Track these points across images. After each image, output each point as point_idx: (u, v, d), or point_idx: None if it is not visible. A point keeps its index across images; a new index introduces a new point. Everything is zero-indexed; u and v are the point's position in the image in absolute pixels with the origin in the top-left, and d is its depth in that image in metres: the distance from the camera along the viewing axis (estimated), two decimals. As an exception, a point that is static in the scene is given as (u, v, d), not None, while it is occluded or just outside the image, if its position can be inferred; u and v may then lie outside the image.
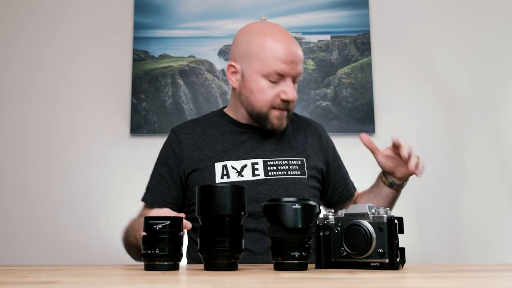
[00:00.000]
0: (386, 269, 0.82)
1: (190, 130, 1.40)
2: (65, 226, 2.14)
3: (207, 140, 1.37)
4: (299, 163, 1.37)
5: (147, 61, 2.25)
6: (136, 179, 2.18)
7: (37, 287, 0.60)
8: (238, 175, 1.31)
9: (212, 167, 1.32)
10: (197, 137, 1.38)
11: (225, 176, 1.31)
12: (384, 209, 0.85)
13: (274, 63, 1.28)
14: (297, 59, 1.30)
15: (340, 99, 2.25)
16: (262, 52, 1.29)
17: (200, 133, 1.39)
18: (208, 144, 1.36)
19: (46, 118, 2.22)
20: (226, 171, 1.32)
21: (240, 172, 1.32)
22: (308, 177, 1.37)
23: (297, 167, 1.36)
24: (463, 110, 2.27)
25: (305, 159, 1.39)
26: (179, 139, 1.38)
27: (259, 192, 1.30)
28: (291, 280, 0.68)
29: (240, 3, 2.31)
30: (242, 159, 1.34)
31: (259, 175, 1.32)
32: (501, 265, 1.11)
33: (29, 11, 2.31)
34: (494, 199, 2.21)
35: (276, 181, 1.32)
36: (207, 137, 1.38)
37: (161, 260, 0.82)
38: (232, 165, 1.33)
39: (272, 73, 1.28)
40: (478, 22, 2.33)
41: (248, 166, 1.33)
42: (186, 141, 1.37)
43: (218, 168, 1.32)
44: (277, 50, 1.28)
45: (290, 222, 0.80)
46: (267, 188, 1.31)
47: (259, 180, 1.32)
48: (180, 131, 1.40)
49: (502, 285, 0.66)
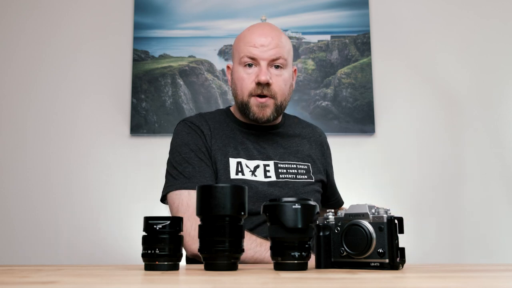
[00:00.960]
0: (386, 269, 0.82)
1: (201, 122, 1.38)
2: (65, 226, 2.14)
3: (220, 135, 1.36)
4: (305, 167, 1.39)
5: (147, 61, 2.25)
6: (136, 179, 2.18)
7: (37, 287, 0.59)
8: (252, 175, 1.31)
9: (226, 161, 1.31)
10: (209, 130, 1.36)
11: (239, 173, 1.30)
12: (384, 209, 0.85)
13: (245, 48, 1.33)
14: (268, 42, 1.32)
15: (340, 99, 2.25)
16: (238, 43, 1.37)
17: (211, 126, 1.37)
18: (221, 138, 1.35)
19: (46, 118, 2.22)
20: (241, 168, 1.31)
21: (254, 172, 1.32)
22: (315, 182, 1.39)
23: (304, 172, 1.38)
24: (463, 110, 2.27)
25: (310, 164, 1.41)
26: (197, 125, 1.36)
27: (272, 193, 1.30)
28: (291, 280, 0.68)
29: (240, 3, 2.31)
30: (255, 159, 1.34)
31: (271, 177, 1.33)
32: (501, 265, 1.11)
33: (29, 11, 2.31)
34: (494, 199, 2.21)
35: (286, 183, 1.33)
36: (219, 132, 1.37)
37: (161, 260, 0.82)
38: (246, 163, 1.33)
39: (244, 57, 1.33)
40: (478, 22, 2.33)
41: (260, 167, 1.34)
42: (202, 127, 1.35)
43: (232, 164, 1.31)
44: (248, 36, 1.35)
45: (290, 222, 0.80)
46: (279, 190, 1.31)
47: (271, 182, 1.32)
48: (195, 121, 1.38)
49: (502, 285, 0.66)
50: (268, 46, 1.32)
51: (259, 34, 1.34)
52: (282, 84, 1.33)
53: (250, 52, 1.32)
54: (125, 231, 2.09)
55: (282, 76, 1.34)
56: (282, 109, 1.37)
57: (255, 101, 1.32)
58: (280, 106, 1.35)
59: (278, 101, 1.34)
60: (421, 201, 2.19)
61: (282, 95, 1.34)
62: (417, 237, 2.15)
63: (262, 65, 1.31)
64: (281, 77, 1.33)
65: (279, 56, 1.32)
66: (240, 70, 1.34)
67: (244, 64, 1.33)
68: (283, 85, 1.34)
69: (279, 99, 1.34)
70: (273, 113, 1.34)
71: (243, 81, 1.33)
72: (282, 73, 1.34)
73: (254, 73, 1.32)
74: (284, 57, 1.33)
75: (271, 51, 1.32)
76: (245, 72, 1.33)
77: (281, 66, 1.33)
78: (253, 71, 1.32)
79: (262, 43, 1.32)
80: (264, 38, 1.32)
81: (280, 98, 1.34)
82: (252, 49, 1.32)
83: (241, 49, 1.34)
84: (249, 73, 1.33)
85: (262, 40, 1.32)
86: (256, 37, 1.33)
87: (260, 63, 1.32)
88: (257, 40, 1.32)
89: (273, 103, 1.33)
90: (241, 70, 1.34)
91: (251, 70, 1.33)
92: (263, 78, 1.30)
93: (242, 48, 1.34)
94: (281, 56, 1.32)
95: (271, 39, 1.32)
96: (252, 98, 1.32)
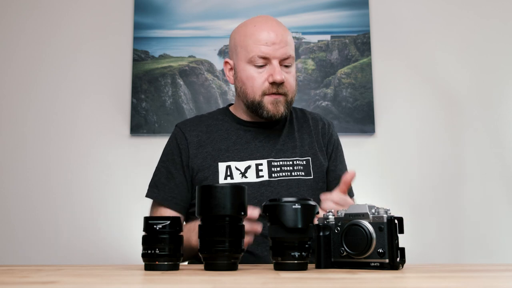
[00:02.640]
0: (386, 269, 0.82)
1: (195, 126, 1.40)
2: (65, 226, 2.14)
3: (211, 138, 1.36)
4: (304, 163, 1.36)
5: (147, 61, 2.25)
6: (136, 179, 2.18)
7: (37, 287, 0.59)
8: (242, 177, 1.31)
9: (215, 167, 1.32)
10: (202, 135, 1.37)
11: (228, 177, 1.30)
12: (384, 209, 0.85)
13: (256, 47, 1.30)
14: (279, 40, 1.29)
15: (340, 99, 2.25)
16: (244, 40, 1.33)
17: (204, 130, 1.38)
18: (212, 142, 1.35)
19: (46, 118, 2.22)
20: (230, 172, 1.31)
21: (244, 173, 1.31)
22: (314, 178, 1.35)
23: (302, 167, 1.35)
24: (463, 110, 2.27)
25: (311, 158, 1.37)
26: (185, 136, 1.37)
27: (262, 194, 1.29)
28: (291, 280, 0.68)
29: (240, 3, 2.31)
30: (246, 160, 1.33)
31: (263, 177, 1.31)
32: (501, 265, 1.11)
33: (29, 11, 2.31)
34: (494, 199, 2.21)
35: (279, 182, 1.31)
36: (211, 135, 1.37)
37: (161, 260, 0.82)
38: (236, 166, 1.32)
39: (255, 57, 1.30)
40: (478, 22, 2.33)
41: (252, 167, 1.32)
42: (191, 138, 1.36)
43: (221, 169, 1.31)
44: (257, 34, 1.31)
45: (290, 222, 0.80)
46: (270, 190, 1.30)
47: (263, 181, 1.31)
48: (185, 128, 1.40)
49: (502, 285, 0.66)
50: (279, 44, 1.29)
51: (268, 30, 1.31)
52: (292, 81, 1.33)
53: (261, 51, 1.29)
54: (125, 231, 2.09)
55: (291, 73, 1.33)
56: (291, 104, 1.37)
57: (270, 99, 1.31)
58: (290, 102, 1.35)
59: (289, 97, 1.34)
60: (421, 201, 2.19)
61: (293, 92, 1.35)
62: (417, 237, 2.15)
63: (275, 64, 1.29)
64: (290, 73, 1.33)
65: (289, 55, 1.31)
66: (250, 69, 1.31)
67: (255, 63, 1.30)
68: (293, 81, 1.34)
69: (290, 96, 1.34)
70: (286, 110, 1.33)
71: (254, 80, 1.31)
72: (290, 70, 1.33)
73: (266, 72, 1.30)
74: (292, 55, 1.33)
75: (282, 50, 1.30)
76: (256, 71, 1.31)
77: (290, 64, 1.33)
78: (265, 70, 1.30)
79: (273, 40, 1.29)
80: (273, 34, 1.30)
81: (291, 95, 1.34)
82: (264, 48, 1.29)
83: (250, 47, 1.31)
84: (260, 72, 1.31)
85: (272, 37, 1.29)
86: (266, 34, 1.30)
87: (272, 62, 1.29)
88: (267, 38, 1.29)
89: (285, 100, 1.33)
90: (251, 69, 1.31)
91: (262, 69, 1.31)
92: (279, 78, 1.28)
93: (252, 47, 1.30)
94: (290, 55, 1.32)
95: (281, 36, 1.30)
96: (265, 97, 1.31)
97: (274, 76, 1.28)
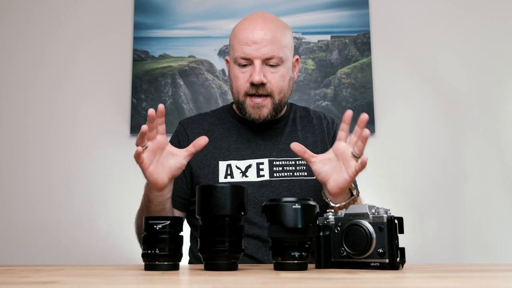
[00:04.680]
0: (386, 269, 0.82)
1: (197, 124, 1.40)
2: (65, 226, 2.14)
3: (213, 137, 1.35)
4: (306, 162, 1.35)
5: (147, 61, 2.25)
6: (136, 179, 2.18)
7: (37, 287, 0.59)
8: (242, 176, 1.30)
9: (216, 165, 1.31)
10: (204, 133, 1.35)
11: (229, 176, 1.29)
12: (384, 209, 0.85)
13: (239, 47, 1.28)
14: (260, 39, 1.25)
15: (340, 99, 2.25)
16: (233, 39, 1.32)
17: (206, 128, 1.38)
18: (214, 140, 1.34)
19: (46, 118, 2.22)
20: (230, 170, 1.30)
21: (245, 172, 1.30)
22: None
23: (305, 167, 1.32)
24: (463, 110, 2.27)
25: None
26: (187, 133, 1.37)
27: (262, 194, 1.28)
28: (291, 280, 0.68)
29: (240, 3, 2.31)
30: (247, 159, 1.32)
31: (264, 176, 1.30)
32: (501, 265, 1.11)
33: (29, 11, 2.31)
34: (494, 199, 2.21)
35: (280, 183, 1.30)
36: (213, 133, 1.36)
37: (161, 260, 0.82)
38: (237, 165, 1.31)
39: (238, 57, 1.28)
40: (478, 22, 2.33)
41: (253, 166, 1.31)
42: (192, 135, 1.35)
43: (222, 167, 1.31)
44: (240, 33, 1.29)
45: (290, 222, 0.80)
46: (271, 190, 1.28)
47: (264, 181, 1.29)
48: (187, 125, 1.40)
49: (502, 285, 0.66)
50: (260, 44, 1.25)
51: (251, 30, 1.27)
52: (279, 80, 1.28)
53: (242, 51, 1.26)
54: (125, 231, 2.09)
55: (279, 73, 1.28)
56: (281, 105, 1.32)
57: (250, 102, 1.29)
58: (279, 103, 1.30)
59: (276, 99, 1.29)
60: (421, 201, 2.19)
61: (280, 92, 1.29)
62: (417, 237, 2.15)
63: (256, 64, 1.25)
64: (277, 74, 1.28)
65: (272, 55, 1.26)
66: (235, 69, 1.30)
67: (238, 63, 1.29)
68: (280, 81, 1.28)
69: (277, 97, 1.29)
70: (271, 112, 1.30)
71: (238, 80, 1.29)
72: (278, 70, 1.28)
73: (248, 72, 1.28)
74: (279, 55, 1.26)
75: (264, 49, 1.25)
76: (239, 71, 1.29)
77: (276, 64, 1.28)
78: (248, 70, 1.28)
79: (255, 39, 1.25)
80: (257, 33, 1.25)
81: (278, 96, 1.29)
82: (245, 48, 1.26)
83: (235, 47, 1.29)
84: (243, 72, 1.28)
85: (254, 36, 1.25)
86: (248, 33, 1.26)
87: (254, 62, 1.26)
88: (249, 37, 1.26)
89: (271, 102, 1.29)
90: (236, 68, 1.30)
91: (246, 69, 1.28)
92: (256, 79, 1.25)
93: (236, 47, 1.28)
94: (274, 55, 1.26)
95: (263, 35, 1.25)
96: (247, 98, 1.29)
97: (253, 76, 1.26)
